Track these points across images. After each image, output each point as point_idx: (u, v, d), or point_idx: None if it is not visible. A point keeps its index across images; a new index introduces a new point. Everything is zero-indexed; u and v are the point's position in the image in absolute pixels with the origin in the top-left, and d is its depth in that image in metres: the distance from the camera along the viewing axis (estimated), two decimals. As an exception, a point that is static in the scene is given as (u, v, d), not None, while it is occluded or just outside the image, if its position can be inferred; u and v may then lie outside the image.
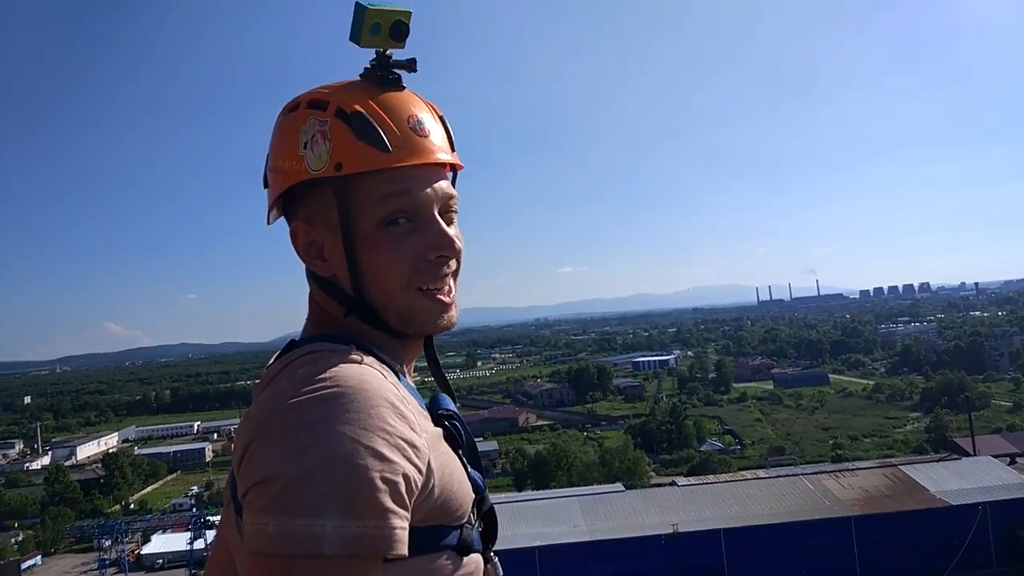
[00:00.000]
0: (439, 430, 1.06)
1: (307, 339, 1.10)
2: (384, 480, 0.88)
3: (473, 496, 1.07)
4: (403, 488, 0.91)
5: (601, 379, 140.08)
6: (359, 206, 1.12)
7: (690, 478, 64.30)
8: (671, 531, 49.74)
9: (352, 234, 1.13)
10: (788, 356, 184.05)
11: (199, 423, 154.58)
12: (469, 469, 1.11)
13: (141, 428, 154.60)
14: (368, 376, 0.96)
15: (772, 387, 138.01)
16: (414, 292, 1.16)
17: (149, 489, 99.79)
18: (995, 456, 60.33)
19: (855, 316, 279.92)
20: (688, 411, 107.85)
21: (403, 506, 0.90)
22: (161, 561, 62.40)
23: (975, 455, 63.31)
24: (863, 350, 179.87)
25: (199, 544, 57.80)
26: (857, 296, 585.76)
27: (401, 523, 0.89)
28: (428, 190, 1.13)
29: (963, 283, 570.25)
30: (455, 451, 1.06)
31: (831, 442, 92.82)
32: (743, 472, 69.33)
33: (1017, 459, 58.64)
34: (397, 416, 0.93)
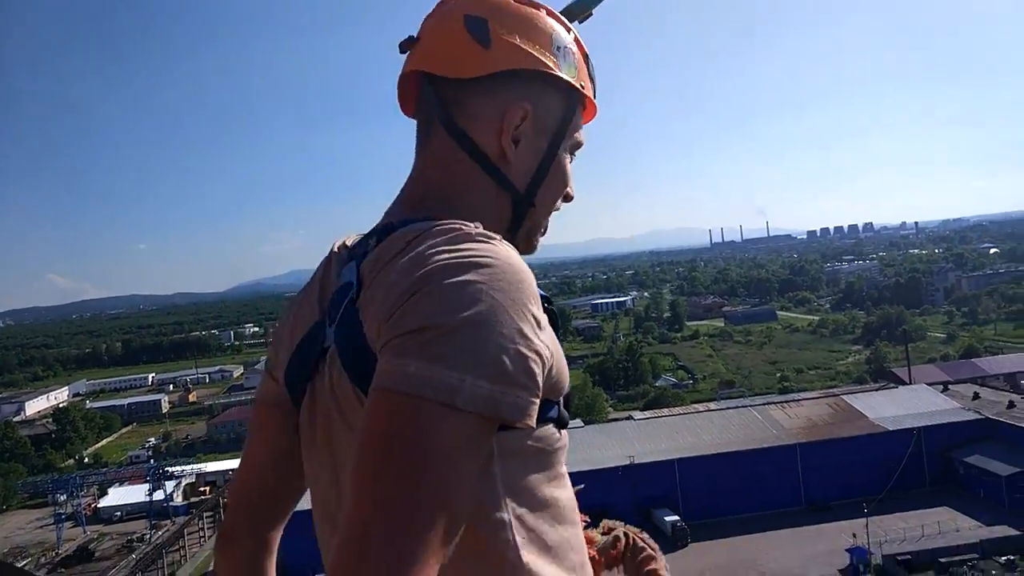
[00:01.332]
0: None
1: (423, 219, 1.08)
2: (525, 354, 0.91)
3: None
4: (539, 365, 0.93)
5: (560, 321, 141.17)
6: (572, 127, 1.24)
7: (646, 412, 66.71)
8: (628, 463, 52.01)
9: (556, 144, 1.23)
10: (739, 295, 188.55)
11: (154, 375, 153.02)
12: None
13: (92, 381, 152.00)
14: (514, 254, 0.99)
15: (723, 324, 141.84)
16: (549, 216, 1.29)
17: (103, 442, 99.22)
18: (929, 384, 63.57)
19: (802, 256, 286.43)
20: (644, 349, 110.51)
21: (536, 381, 0.92)
22: (119, 513, 62.38)
23: (911, 384, 66.47)
24: (809, 288, 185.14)
25: (158, 495, 58.12)
26: (805, 236, 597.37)
27: (533, 397, 0.92)
28: None
29: (904, 222, 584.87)
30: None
31: (778, 375, 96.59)
32: (695, 405, 71.93)
33: (949, 386, 61.88)
34: (536, 296, 0.97)
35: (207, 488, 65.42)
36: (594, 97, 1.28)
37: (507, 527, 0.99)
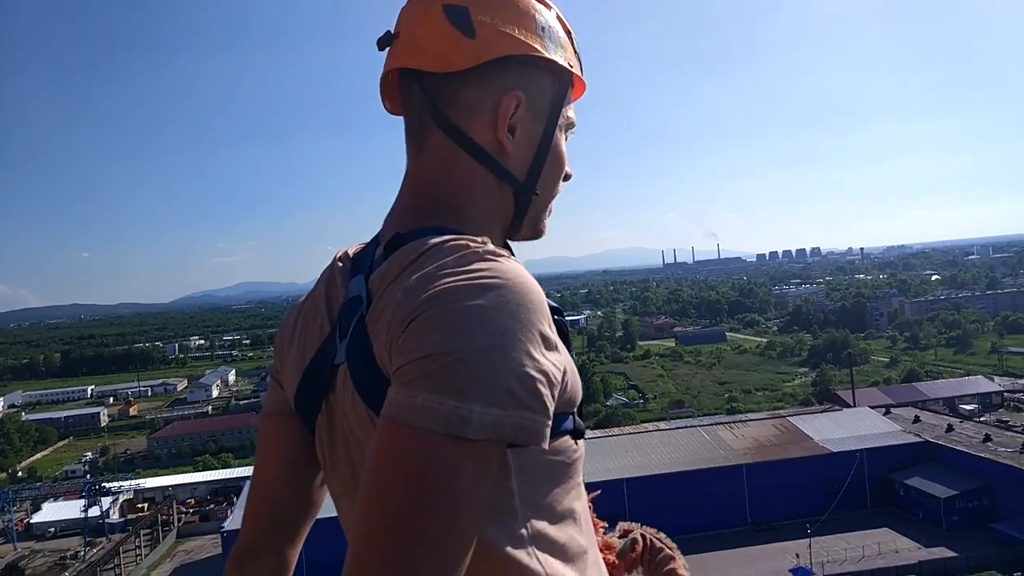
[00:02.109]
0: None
1: (432, 228, 1.06)
2: (535, 376, 0.90)
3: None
4: (547, 386, 0.92)
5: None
6: (564, 106, 1.21)
7: (596, 431, 66.72)
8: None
9: (551, 127, 1.20)
10: (690, 315, 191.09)
11: (93, 387, 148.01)
12: None
13: (29, 393, 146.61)
14: (523, 272, 0.97)
15: (674, 344, 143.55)
16: (553, 198, 1.26)
17: (38, 456, 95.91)
18: (872, 407, 65.05)
19: (752, 278, 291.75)
20: (596, 368, 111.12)
21: (545, 402, 0.91)
22: (53, 529, 60.02)
23: (855, 406, 68.03)
24: (758, 310, 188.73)
25: (94, 511, 55.98)
26: (754, 259, 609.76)
27: (543, 418, 0.91)
28: None
29: (850, 248, 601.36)
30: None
31: (727, 395, 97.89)
32: (645, 424, 72.31)
33: (892, 410, 63.41)
34: (546, 315, 0.95)
35: (145, 505, 63.45)
36: (581, 73, 1.25)
37: (526, 541, 0.99)
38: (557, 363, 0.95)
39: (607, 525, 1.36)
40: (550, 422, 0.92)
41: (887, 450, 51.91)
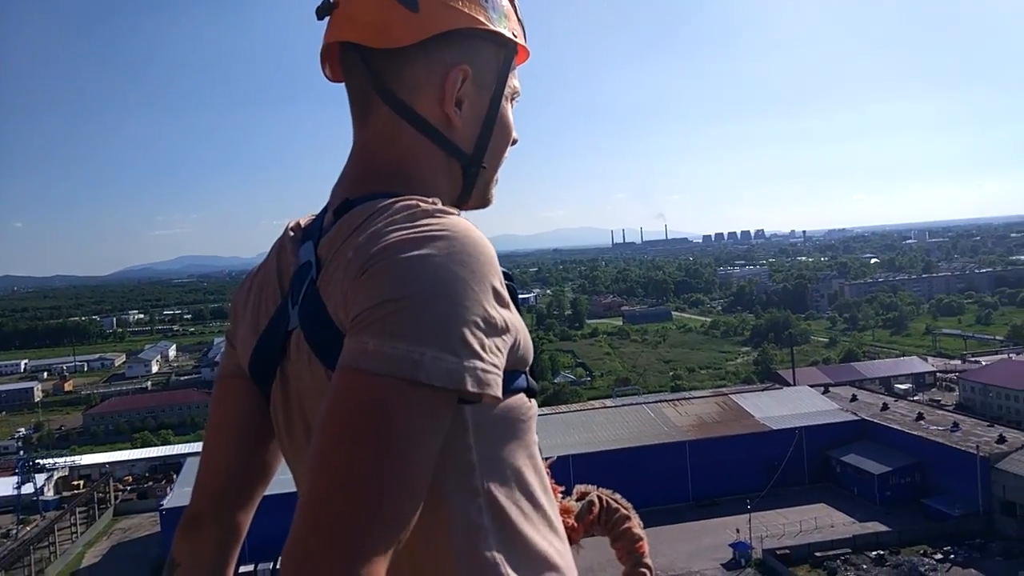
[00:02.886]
0: None
1: (382, 193, 1.06)
2: (486, 326, 0.90)
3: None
4: (501, 337, 0.93)
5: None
6: (509, 76, 1.21)
7: (543, 409, 67.13)
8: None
9: (497, 98, 1.19)
10: (637, 295, 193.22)
11: (26, 361, 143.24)
12: None
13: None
14: (473, 228, 0.98)
15: (621, 323, 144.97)
16: (501, 166, 1.27)
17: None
18: (812, 386, 66.69)
19: (698, 259, 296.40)
20: (544, 346, 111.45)
21: (498, 353, 0.92)
22: (-17, 507, 58.33)
23: (795, 385, 69.74)
24: (703, 290, 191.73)
25: (27, 488, 54.57)
26: (701, 240, 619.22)
27: (496, 368, 0.91)
28: None
29: (793, 231, 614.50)
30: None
31: (671, 373, 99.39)
32: (592, 402, 72.97)
33: (830, 388, 65.06)
34: (497, 270, 0.96)
35: (81, 482, 61.92)
36: (525, 42, 1.24)
37: (481, 495, 1.00)
38: (510, 319, 0.96)
39: (564, 489, 1.38)
40: (502, 374, 0.93)
41: (825, 428, 53.34)
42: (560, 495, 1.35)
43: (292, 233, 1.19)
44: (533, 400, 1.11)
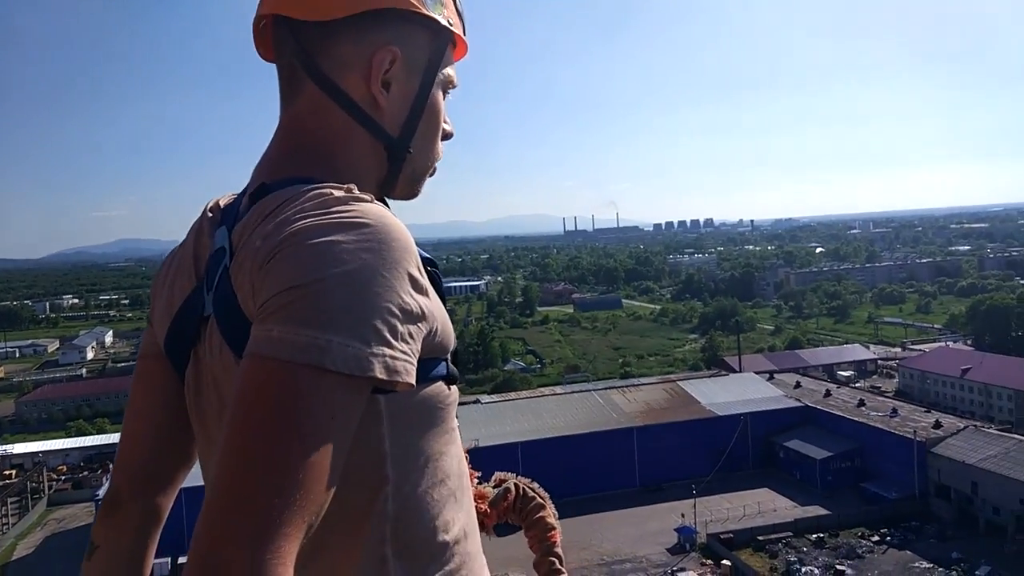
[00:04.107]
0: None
1: (299, 179, 1.05)
2: (398, 313, 0.89)
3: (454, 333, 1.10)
4: (414, 324, 0.92)
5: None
6: (443, 64, 1.20)
7: (493, 396, 66.87)
8: (472, 446, 51.65)
9: (427, 84, 1.18)
10: (588, 282, 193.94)
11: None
12: None
13: None
14: (388, 214, 0.97)
15: (572, 310, 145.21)
16: (435, 159, 1.25)
17: None
18: (757, 372, 67.68)
19: (648, 247, 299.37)
20: (495, 333, 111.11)
21: (410, 340, 0.91)
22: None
23: (741, 372, 70.77)
24: (653, 278, 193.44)
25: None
26: (651, 229, 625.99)
27: (408, 356, 0.90)
28: None
29: (741, 220, 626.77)
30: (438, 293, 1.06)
31: (621, 360, 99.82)
32: (542, 389, 72.91)
33: (775, 375, 66.18)
34: (414, 256, 0.95)
35: (13, 472, 59.75)
36: (464, 34, 1.23)
37: (388, 482, 1.00)
38: (426, 306, 0.95)
39: (481, 475, 1.38)
40: (415, 362, 0.92)
41: (769, 414, 54.20)
42: (476, 480, 1.35)
43: (211, 214, 1.19)
44: (454, 387, 1.10)
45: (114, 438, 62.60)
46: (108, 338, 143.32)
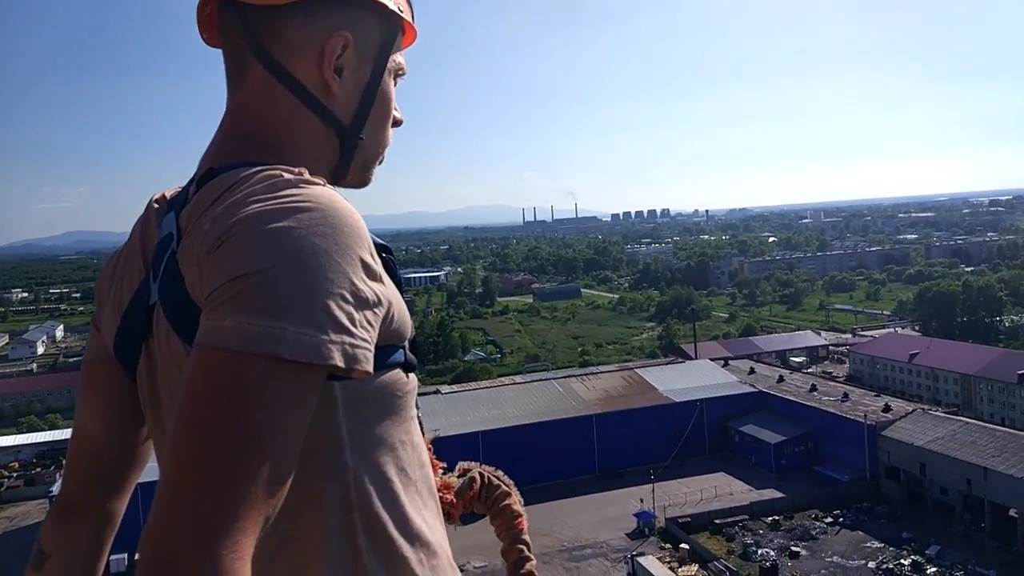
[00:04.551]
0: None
1: (244, 163, 1.02)
2: (353, 299, 0.88)
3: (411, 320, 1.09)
4: (370, 310, 0.91)
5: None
6: (393, 50, 1.18)
7: (453, 386, 66.89)
8: (432, 436, 51.60)
9: (379, 71, 1.16)
10: (547, 272, 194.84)
11: None
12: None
13: None
14: (339, 198, 0.95)
15: (532, 300, 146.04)
16: (385, 146, 1.23)
17: None
18: (712, 359, 68.72)
19: (606, 237, 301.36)
20: (455, 324, 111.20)
21: (366, 327, 0.89)
22: None
23: (697, 359, 71.85)
24: (611, 267, 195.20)
25: None
26: (609, 219, 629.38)
27: (364, 343, 0.88)
28: None
29: (696, 210, 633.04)
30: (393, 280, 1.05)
31: (580, 349, 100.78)
32: (502, 379, 73.02)
33: (730, 362, 67.24)
34: (366, 242, 0.94)
35: (-41, 472, 58.10)
36: (412, 20, 1.22)
37: (348, 472, 0.99)
38: (381, 292, 0.93)
39: (446, 466, 1.38)
40: (372, 349, 0.90)
41: (725, 399, 55.16)
42: (441, 471, 1.35)
43: (156, 205, 1.16)
44: (412, 375, 1.09)
45: (67, 434, 61.01)
46: (59, 332, 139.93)
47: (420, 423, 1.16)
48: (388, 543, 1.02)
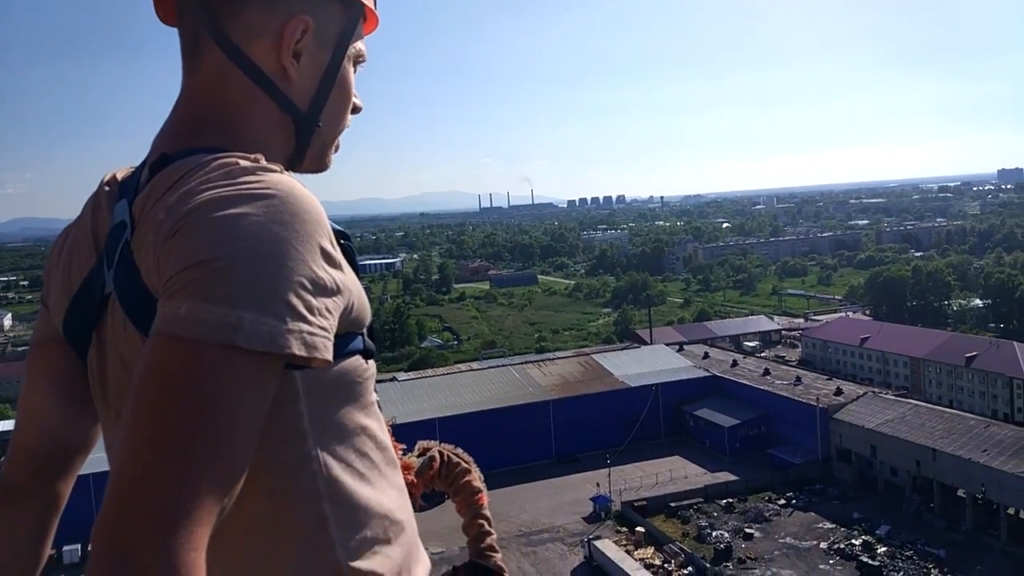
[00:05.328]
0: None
1: (202, 149, 1.00)
2: (311, 287, 0.87)
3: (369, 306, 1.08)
4: (329, 298, 0.90)
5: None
6: (354, 37, 1.16)
7: (410, 373, 66.17)
8: (390, 423, 51.00)
9: (339, 57, 1.14)
10: (504, 259, 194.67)
11: None
12: None
13: None
14: (297, 185, 0.93)
15: (489, 287, 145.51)
16: (341, 132, 1.21)
17: None
18: (667, 344, 69.17)
19: (563, 224, 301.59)
20: (411, 311, 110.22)
21: (325, 315, 0.89)
22: None
23: (652, 344, 72.37)
24: (568, 254, 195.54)
25: None
26: (565, 206, 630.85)
27: (323, 331, 0.88)
28: None
29: (652, 196, 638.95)
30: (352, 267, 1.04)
31: (536, 335, 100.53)
32: (459, 365, 72.63)
33: (684, 347, 67.71)
34: (326, 229, 0.93)
35: None
36: (375, 7, 1.20)
37: (314, 460, 0.98)
38: (340, 280, 0.93)
39: (405, 447, 1.39)
40: (332, 338, 0.90)
41: (679, 384, 55.54)
42: (401, 452, 1.34)
43: (108, 188, 1.13)
44: (371, 361, 1.09)
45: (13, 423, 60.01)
46: (7, 321, 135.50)
47: (379, 407, 1.16)
48: (359, 528, 1.02)
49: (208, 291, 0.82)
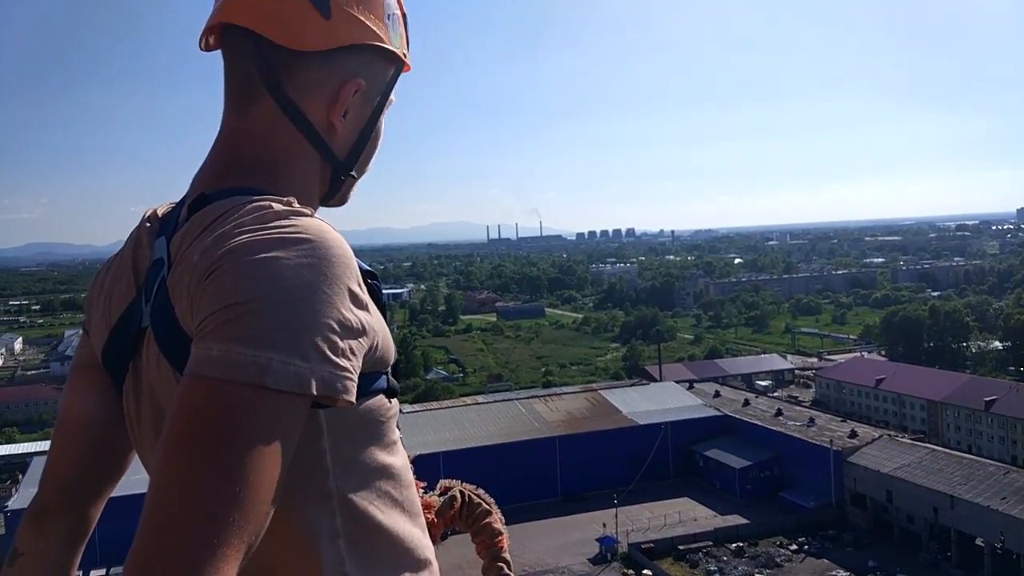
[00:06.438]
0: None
1: (237, 189, 1.05)
2: (339, 329, 0.89)
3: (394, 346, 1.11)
4: (356, 340, 0.92)
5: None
6: (392, 90, 1.24)
7: (414, 405, 65.19)
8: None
9: (379, 112, 1.22)
10: (511, 291, 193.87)
11: None
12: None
13: None
14: (328, 229, 0.97)
15: (495, 319, 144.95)
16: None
17: None
18: (677, 382, 67.98)
19: (571, 256, 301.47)
20: (417, 342, 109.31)
21: (351, 356, 0.91)
22: None
23: (661, 381, 71.16)
24: (576, 287, 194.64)
25: None
26: (574, 238, 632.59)
27: (349, 373, 0.90)
28: None
29: (662, 230, 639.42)
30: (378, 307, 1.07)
31: (543, 369, 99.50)
32: (464, 398, 71.55)
33: (695, 384, 66.65)
34: (354, 272, 0.96)
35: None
36: (408, 50, 1.25)
37: (335, 499, 1.00)
38: (367, 321, 0.95)
39: (426, 484, 1.38)
40: (356, 378, 0.92)
41: (689, 423, 54.34)
42: (422, 490, 1.35)
43: (149, 224, 1.17)
44: (394, 400, 1.11)
45: (25, 448, 60.84)
46: (18, 345, 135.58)
47: (403, 445, 1.17)
48: (377, 566, 1.04)
49: (239, 333, 0.84)
